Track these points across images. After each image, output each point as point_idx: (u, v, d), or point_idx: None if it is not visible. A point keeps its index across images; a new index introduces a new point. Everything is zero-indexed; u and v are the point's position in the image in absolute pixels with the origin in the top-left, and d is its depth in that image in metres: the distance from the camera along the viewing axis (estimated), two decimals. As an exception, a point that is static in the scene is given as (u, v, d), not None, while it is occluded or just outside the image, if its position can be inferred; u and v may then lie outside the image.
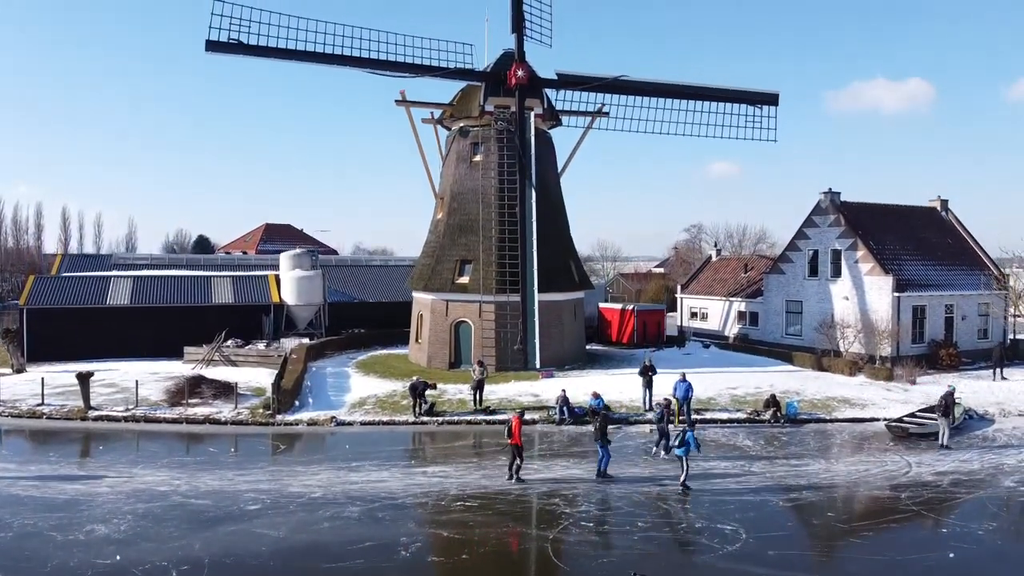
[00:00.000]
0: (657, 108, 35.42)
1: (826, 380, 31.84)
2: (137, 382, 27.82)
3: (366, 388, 29.59)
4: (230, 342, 36.89)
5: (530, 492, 17.92)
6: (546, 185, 35.41)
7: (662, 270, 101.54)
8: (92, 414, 25.67)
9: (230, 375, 31.99)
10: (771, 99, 36.28)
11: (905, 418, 25.02)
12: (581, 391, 28.01)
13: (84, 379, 26.17)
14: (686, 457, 18.15)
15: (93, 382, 27.22)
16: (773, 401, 26.02)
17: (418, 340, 36.25)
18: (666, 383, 26.73)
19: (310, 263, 42.72)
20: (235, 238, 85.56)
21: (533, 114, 34.10)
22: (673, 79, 35.74)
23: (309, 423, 24.99)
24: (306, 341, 38.67)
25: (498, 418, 25.40)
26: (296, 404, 26.89)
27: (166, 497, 17.38)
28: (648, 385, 26.49)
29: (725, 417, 25.79)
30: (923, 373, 32.58)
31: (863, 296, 35.76)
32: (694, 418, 25.04)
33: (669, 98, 35.47)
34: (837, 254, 37.08)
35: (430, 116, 36.58)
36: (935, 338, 35.86)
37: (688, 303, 48.21)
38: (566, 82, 34.85)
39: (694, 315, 47.46)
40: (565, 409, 25.17)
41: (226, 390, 27.60)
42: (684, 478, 18.19)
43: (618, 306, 44.29)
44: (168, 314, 38.72)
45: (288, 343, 38.38)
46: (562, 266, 35.55)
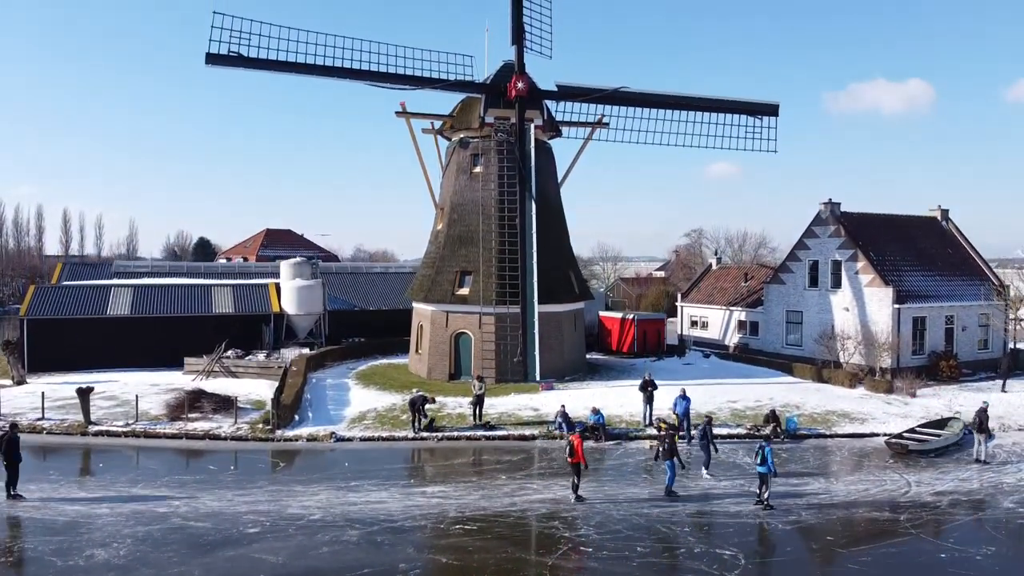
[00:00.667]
0: (657, 119, 35.59)
1: (826, 393, 31.85)
2: (137, 396, 27.83)
3: (366, 401, 29.60)
4: (230, 352, 36.89)
5: (529, 514, 17.92)
6: (546, 196, 35.43)
7: (663, 273, 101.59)
8: (92, 429, 25.70)
9: (230, 387, 32.04)
10: (771, 110, 36.34)
11: (905, 434, 25.04)
12: (581, 404, 28.07)
13: (84, 394, 26.20)
14: (769, 474, 18.41)
15: (93, 395, 27.26)
16: (773, 416, 26.03)
17: (418, 351, 36.26)
18: (667, 397, 26.79)
19: (310, 272, 42.75)
20: (236, 243, 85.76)
21: (533, 126, 34.14)
22: (673, 90, 35.86)
23: (309, 439, 25.00)
24: (306, 351, 38.71)
25: (497, 433, 25.44)
26: (296, 419, 26.92)
27: (166, 519, 17.39)
28: (649, 400, 26.50)
29: (725, 433, 25.74)
30: (923, 385, 32.57)
31: (863, 307, 35.74)
32: (693, 433, 25.14)
33: (669, 109, 35.54)
34: (837, 265, 37.07)
35: (430, 126, 36.64)
36: (935, 349, 35.85)
37: (688, 312, 48.20)
38: (566, 94, 34.92)
39: (694, 324, 47.44)
40: (564, 425, 25.17)
41: (226, 404, 27.62)
42: (767, 495, 18.46)
43: (618, 315, 44.28)
44: (168, 324, 38.74)
45: (288, 353, 38.43)
46: (562, 277, 35.56)
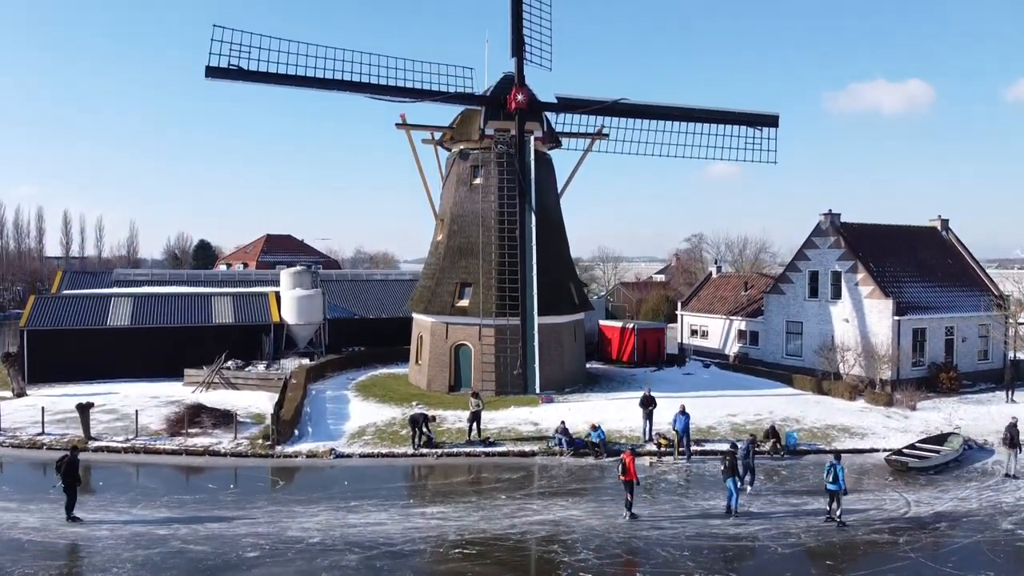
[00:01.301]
0: (656, 131, 35.61)
1: (826, 405, 31.85)
2: (137, 412, 27.83)
3: (365, 415, 29.59)
4: (230, 363, 36.89)
5: (529, 537, 17.91)
6: (546, 208, 35.43)
7: (663, 277, 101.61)
8: (92, 445, 25.66)
9: (230, 400, 32.08)
10: (771, 121, 36.38)
11: (905, 450, 25.04)
12: (581, 419, 28.07)
13: (84, 410, 26.21)
14: (840, 492, 18.63)
15: (93, 409, 27.25)
16: (773, 432, 26.04)
17: (418, 362, 36.27)
18: (667, 411, 26.74)
19: (310, 281, 42.74)
20: (236, 247, 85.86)
21: (533, 137, 34.13)
22: (672, 102, 35.83)
23: (308, 455, 25.00)
24: (306, 362, 38.73)
25: (497, 450, 25.44)
26: (295, 433, 26.91)
27: (165, 542, 17.40)
28: (648, 417, 26.50)
29: (725, 448, 25.71)
30: (923, 398, 32.57)
31: (863, 319, 35.74)
32: (693, 449, 25.18)
33: (668, 120, 35.56)
34: (837, 276, 37.06)
35: (431, 137, 36.65)
36: (935, 361, 35.84)
37: (688, 320, 48.18)
38: (566, 106, 34.96)
39: (694, 333, 47.43)
40: (564, 441, 25.18)
41: (226, 419, 27.63)
42: (840, 513, 18.75)
43: (618, 324, 44.30)
44: (168, 334, 38.75)
45: (288, 364, 38.45)
46: (562, 288, 35.57)
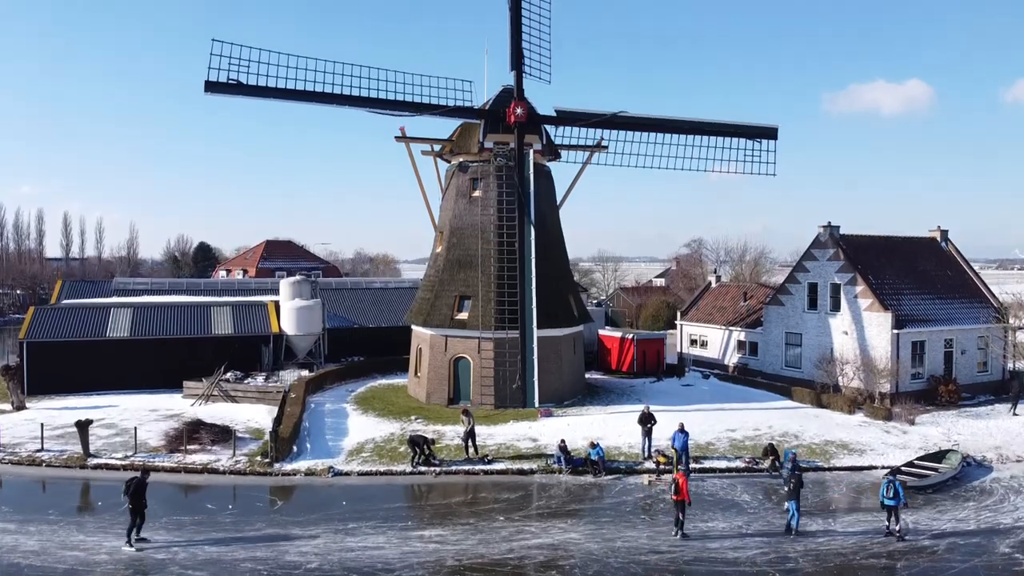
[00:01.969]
0: (655, 143, 35.59)
1: (825, 419, 31.85)
2: (136, 428, 27.84)
3: (364, 430, 29.57)
4: (229, 375, 36.89)
5: (527, 562, 17.91)
6: (545, 220, 35.42)
7: (663, 281, 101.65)
8: (91, 462, 25.69)
9: (229, 413, 32.12)
10: (770, 133, 36.37)
11: (903, 468, 25.02)
12: (580, 435, 28.10)
13: (83, 427, 26.21)
14: (899, 506, 19.24)
15: (92, 424, 27.25)
16: (772, 450, 26.02)
17: (417, 374, 36.27)
18: (666, 424, 26.75)
19: (310, 291, 42.74)
20: (236, 249, 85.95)
21: (532, 150, 34.14)
22: (671, 114, 35.86)
23: (307, 473, 25.00)
24: (305, 373, 38.74)
25: (495, 467, 25.44)
26: (294, 450, 26.89)
27: (164, 567, 17.42)
28: (648, 434, 26.50)
29: (723, 466, 25.78)
30: (922, 411, 32.56)
31: (862, 332, 35.74)
32: (692, 467, 25.18)
33: (667, 133, 35.55)
34: (836, 288, 37.05)
35: (430, 149, 36.65)
36: (934, 373, 35.83)
37: (688, 330, 48.18)
38: (565, 119, 34.95)
39: (694, 342, 47.43)
40: (563, 459, 25.18)
41: (224, 435, 27.63)
42: (900, 528, 19.39)
43: (618, 334, 44.28)
44: (168, 345, 38.77)
45: (287, 375, 38.47)
46: (561, 301, 35.56)
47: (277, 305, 42.53)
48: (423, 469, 25.14)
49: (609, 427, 29.75)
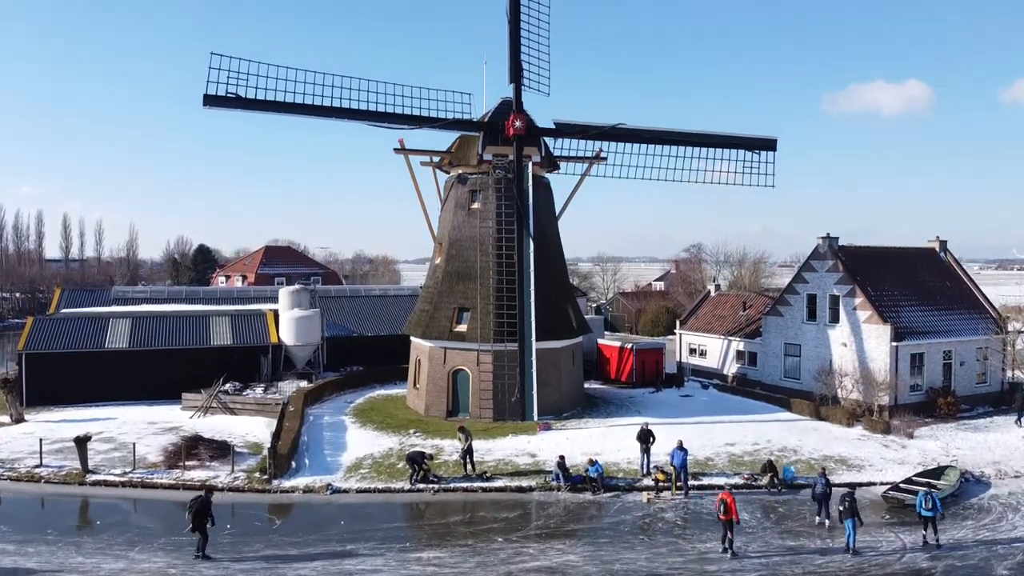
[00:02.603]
0: (654, 155, 35.54)
1: (824, 433, 31.83)
2: (135, 444, 27.80)
3: (362, 445, 29.55)
4: (228, 386, 36.89)
5: (525, 586, 17.94)
6: (544, 232, 35.42)
7: (662, 285, 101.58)
8: (90, 478, 25.68)
9: (227, 426, 32.14)
10: (769, 144, 36.36)
11: (902, 485, 24.96)
12: (579, 449, 28.12)
13: (82, 443, 26.18)
14: (936, 517, 20.11)
15: (90, 440, 27.24)
16: (771, 466, 25.99)
17: (416, 386, 36.26)
18: (665, 439, 26.73)
19: (309, 301, 42.76)
20: (236, 251, 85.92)
21: (531, 162, 34.12)
22: (670, 126, 35.82)
23: (305, 490, 24.98)
24: (304, 384, 38.74)
25: (494, 485, 25.42)
26: (293, 466, 26.86)
27: (161, 592, 17.41)
28: (646, 451, 26.49)
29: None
30: (921, 424, 32.54)
31: (861, 344, 35.74)
32: (691, 484, 25.18)
33: (666, 145, 35.54)
34: (835, 300, 37.05)
35: (429, 160, 36.63)
36: (933, 385, 35.81)
37: (687, 339, 48.18)
38: (563, 131, 34.93)
39: (693, 352, 47.44)
40: (562, 476, 25.17)
41: (223, 450, 27.61)
42: (937, 537, 20.32)
43: (617, 343, 44.26)
44: (166, 356, 38.76)
45: (286, 386, 38.47)
46: (560, 313, 35.55)
47: (276, 314, 42.53)
48: (421, 487, 25.13)
49: (608, 441, 29.75)
